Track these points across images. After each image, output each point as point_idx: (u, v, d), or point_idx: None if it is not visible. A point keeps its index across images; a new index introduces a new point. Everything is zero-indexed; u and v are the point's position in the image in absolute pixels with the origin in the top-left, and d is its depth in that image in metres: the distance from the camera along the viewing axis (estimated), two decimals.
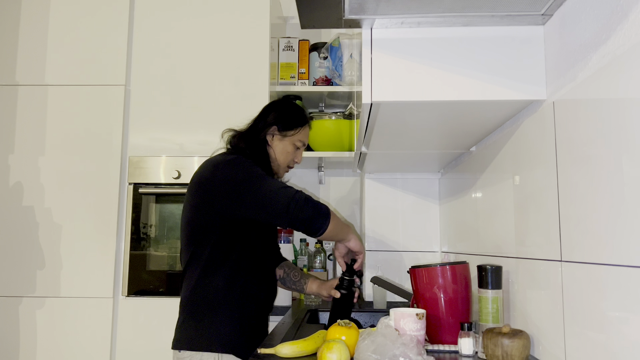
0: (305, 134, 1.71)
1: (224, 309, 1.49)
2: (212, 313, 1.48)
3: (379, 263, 2.32)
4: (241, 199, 1.45)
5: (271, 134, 1.66)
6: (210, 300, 1.49)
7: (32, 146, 2.32)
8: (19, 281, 2.25)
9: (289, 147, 1.67)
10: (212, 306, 1.49)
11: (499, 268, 1.24)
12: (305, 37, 2.66)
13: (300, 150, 1.71)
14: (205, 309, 1.49)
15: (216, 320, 1.48)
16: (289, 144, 1.67)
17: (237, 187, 1.46)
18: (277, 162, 1.67)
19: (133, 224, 2.29)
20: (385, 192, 2.36)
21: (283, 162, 1.67)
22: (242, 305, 1.51)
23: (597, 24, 0.93)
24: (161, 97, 2.37)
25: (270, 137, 1.66)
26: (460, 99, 1.17)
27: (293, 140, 1.67)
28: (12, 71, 2.36)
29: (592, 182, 0.92)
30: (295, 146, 1.68)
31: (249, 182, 1.46)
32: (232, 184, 1.46)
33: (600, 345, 0.89)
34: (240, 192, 1.45)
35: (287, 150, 1.67)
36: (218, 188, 1.47)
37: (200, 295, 1.50)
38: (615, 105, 0.85)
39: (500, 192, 1.43)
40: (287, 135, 1.66)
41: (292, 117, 1.68)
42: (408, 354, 1.03)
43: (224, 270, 1.50)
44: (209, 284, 1.50)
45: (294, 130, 1.67)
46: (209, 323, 1.48)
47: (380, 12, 1.10)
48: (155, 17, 2.42)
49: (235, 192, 1.45)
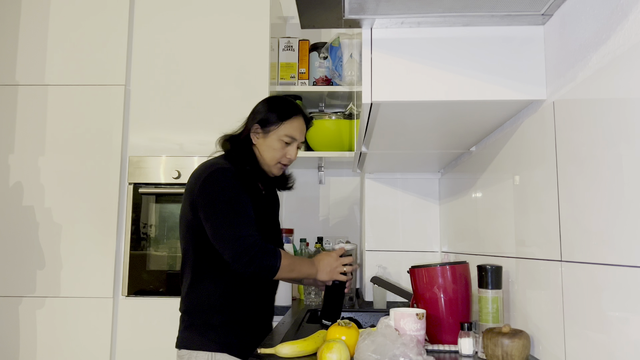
0: (293, 128, 1.60)
1: (215, 311, 1.50)
2: (205, 315, 1.50)
3: (379, 263, 2.32)
4: (205, 222, 1.47)
5: (255, 132, 1.61)
6: (202, 302, 1.51)
7: (32, 146, 2.32)
8: (19, 281, 2.24)
9: (275, 144, 1.59)
10: (204, 308, 1.51)
11: (499, 268, 1.24)
12: (305, 37, 2.66)
13: (291, 146, 1.61)
14: (199, 311, 1.51)
15: (209, 322, 1.50)
16: (274, 140, 1.59)
17: (206, 208, 1.47)
18: (263, 160, 1.61)
19: (133, 224, 2.29)
20: (385, 192, 2.36)
21: (271, 160, 1.60)
22: (234, 309, 1.51)
23: (597, 24, 0.93)
24: (161, 97, 2.37)
25: (255, 136, 1.61)
26: (461, 99, 1.17)
27: (278, 136, 1.58)
28: (12, 71, 2.36)
29: (592, 182, 0.92)
30: (283, 142, 1.59)
31: (214, 211, 1.46)
32: (206, 202, 1.47)
33: (600, 345, 0.89)
34: (207, 216, 1.47)
35: (273, 147, 1.59)
36: (197, 199, 1.49)
37: (193, 297, 1.53)
38: (615, 105, 0.85)
39: (500, 192, 1.43)
40: (270, 131, 1.59)
41: (273, 111, 1.60)
42: (408, 354, 1.03)
43: (213, 273, 1.51)
44: (200, 286, 1.52)
45: (275, 125, 1.58)
46: (202, 324, 1.50)
47: (380, 12, 1.10)
48: (156, 17, 2.42)
49: (204, 212, 1.47)
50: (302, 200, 2.83)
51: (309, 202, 2.85)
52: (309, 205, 2.84)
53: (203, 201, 1.48)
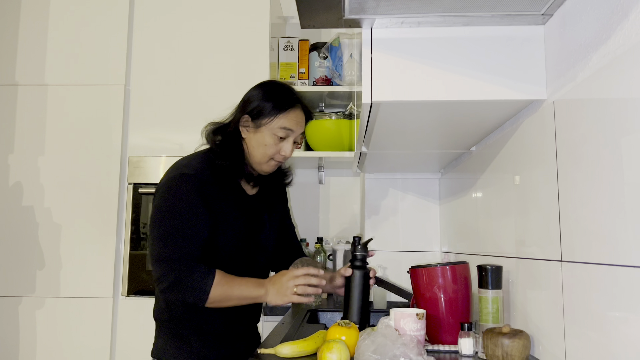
0: (290, 120, 1.40)
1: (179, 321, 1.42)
2: (171, 325, 1.44)
3: (379, 263, 2.32)
4: (149, 232, 1.38)
5: (244, 125, 1.41)
6: (169, 311, 1.43)
7: (32, 146, 2.32)
8: (19, 281, 2.24)
9: (268, 139, 1.39)
10: (169, 318, 1.44)
11: (499, 268, 1.24)
12: (305, 36, 2.66)
13: (286, 140, 1.41)
14: (164, 320, 1.45)
15: (177, 332, 1.43)
16: (267, 134, 1.39)
17: (150, 218, 1.38)
18: (252, 157, 1.42)
19: (133, 224, 2.29)
20: (385, 192, 2.36)
21: (261, 157, 1.41)
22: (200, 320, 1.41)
23: (597, 23, 0.93)
24: (161, 97, 2.37)
25: (244, 129, 1.42)
26: (461, 98, 1.17)
27: (271, 130, 1.39)
28: (12, 71, 2.36)
29: (592, 182, 0.92)
30: (277, 136, 1.39)
31: (154, 224, 1.35)
32: (153, 211, 1.37)
33: (600, 345, 0.89)
34: (149, 227, 1.38)
35: (265, 143, 1.39)
36: (153, 204, 1.40)
37: (160, 304, 1.46)
38: (616, 105, 0.84)
39: (501, 192, 1.43)
40: (262, 124, 1.39)
41: (268, 100, 1.40)
42: (408, 354, 1.03)
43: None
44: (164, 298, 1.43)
45: (269, 117, 1.38)
46: (171, 334, 1.44)
47: (380, 11, 1.10)
48: (155, 17, 2.42)
49: (149, 222, 1.39)
50: (302, 200, 2.83)
51: (309, 202, 2.84)
52: (309, 205, 2.84)
53: (152, 209, 1.38)
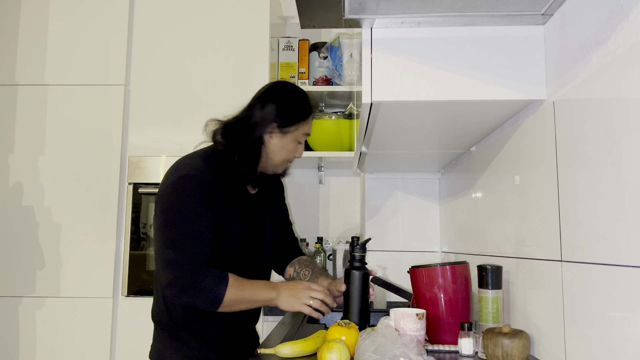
0: (310, 126, 1.47)
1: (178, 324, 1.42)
2: (170, 328, 1.43)
3: (379, 263, 2.32)
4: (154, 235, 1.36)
5: (269, 132, 1.42)
6: (168, 312, 1.42)
7: (32, 146, 2.32)
8: (19, 281, 2.24)
9: (290, 144, 1.44)
10: (168, 320, 1.43)
11: (499, 268, 1.24)
12: (305, 36, 2.66)
13: (302, 144, 1.49)
14: (163, 322, 1.45)
15: (177, 335, 1.42)
16: (291, 140, 1.43)
17: (155, 220, 1.36)
18: (272, 161, 1.45)
19: (133, 224, 2.29)
20: (385, 192, 2.36)
21: (282, 161, 1.46)
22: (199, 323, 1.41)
23: (597, 23, 0.93)
24: (161, 97, 2.36)
25: (269, 136, 1.42)
26: (461, 98, 1.17)
27: (296, 136, 1.43)
28: (12, 71, 2.36)
29: (592, 182, 0.92)
30: (298, 141, 1.45)
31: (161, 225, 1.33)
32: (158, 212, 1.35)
33: (600, 345, 0.88)
34: (155, 229, 1.36)
35: (288, 148, 1.44)
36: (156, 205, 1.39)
37: (159, 305, 1.45)
38: (616, 105, 0.84)
39: (501, 192, 1.43)
40: (289, 132, 1.42)
41: (295, 109, 1.43)
42: (408, 354, 1.03)
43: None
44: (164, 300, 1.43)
45: (296, 125, 1.42)
46: (171, 337, 1.43)
47: (380, 11, 1.10)
48: (155, 17, 2.42)
49: (154, 224, 1.37)
50: (302, 200, 2.83)
51: (309, 202, 2.85)
52: (309, 205, 2.84)
53: (157, 210, 1.36)
